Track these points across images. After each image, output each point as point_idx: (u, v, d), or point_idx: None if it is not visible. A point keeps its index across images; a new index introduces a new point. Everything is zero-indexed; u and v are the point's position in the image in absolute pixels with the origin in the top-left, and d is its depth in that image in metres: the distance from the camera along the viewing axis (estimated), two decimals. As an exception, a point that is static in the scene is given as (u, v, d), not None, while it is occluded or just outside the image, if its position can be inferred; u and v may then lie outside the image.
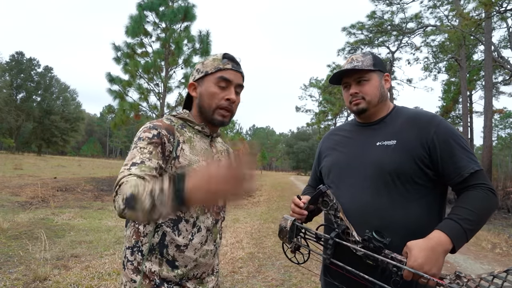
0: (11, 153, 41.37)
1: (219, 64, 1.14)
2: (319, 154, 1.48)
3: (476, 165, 1.12)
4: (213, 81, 1.13)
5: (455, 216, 1.06)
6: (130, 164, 0.96)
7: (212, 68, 1.14)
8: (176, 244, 1.07)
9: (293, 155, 63.50)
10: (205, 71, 1.15)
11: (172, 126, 1.12)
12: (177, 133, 1.11)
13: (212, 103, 1.13)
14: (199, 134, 1.18)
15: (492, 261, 5.29)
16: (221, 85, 1.13)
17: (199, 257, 1.12)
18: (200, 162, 1.12)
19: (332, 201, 1.11)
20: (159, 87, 13.33)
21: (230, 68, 1.14)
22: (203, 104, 1.15)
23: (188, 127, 1.17)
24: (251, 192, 0.80)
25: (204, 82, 1.15)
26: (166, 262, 1.07)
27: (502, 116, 46.03)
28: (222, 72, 1.13)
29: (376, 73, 1.28)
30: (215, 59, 1.16)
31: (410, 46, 20.28)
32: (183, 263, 1.09)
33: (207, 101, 1.14)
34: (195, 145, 1.14)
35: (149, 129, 1.05)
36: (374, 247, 1.01)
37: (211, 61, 1.15)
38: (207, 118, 1.16)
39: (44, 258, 3.83)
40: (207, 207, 1.14)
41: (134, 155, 0.99)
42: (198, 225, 1.11)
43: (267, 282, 3.74)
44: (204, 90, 1.15)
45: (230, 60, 1.16)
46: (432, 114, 1.23)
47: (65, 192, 10.27)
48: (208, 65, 1.15)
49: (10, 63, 46.98)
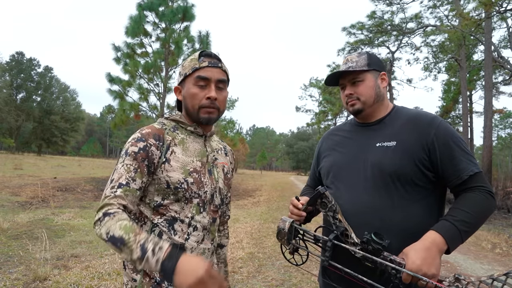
0: (11, 153, 41.37)
1: (196, 63, 1.13)
2: (318, 154, 1.48)
3: (476, 167, 1.12)
4: (192, 82, 1.13)
5: (450, 217, 1.06)
6: (116, 185, 1.01)
7: (189, 69, 1.14)
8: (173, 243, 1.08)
9: (293, 155, 63.50)
10: (184, 73, 1.15)
11: (163, 130, 1.13)
12: (167, 136, 1.12)
13: (195, 104, 1.13)
14: (192, 135, 1.18)
15: (492, 261, 5.29)
16: (200, 84, 1.12)
17: (196, 256, 1.12)
18: (194, 163, 1.13)
19: (331, 203, 1.10)
20: (159, 87, 13.33)
21: (206, 65, 1.13)
22: (187, 106, 1.16)
23: (181, 129, 1.18)
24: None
25: (185, 84, 1.16)
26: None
27: (502, 116, 46.01)
28: (199, 71, 1.12)
29: (371, 72, 1.28)
30: (192, 59, 1.15)
31: (410, 46, 20.29)
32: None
33: (190, 103, 1.15)
34: (188, 147, 1.15)
35: (136, 142, 1.07)
36: (372, 249, 1.01)
37: (189, 62, 1.15)
38: (194, 119, 1.17)
39: (44, 258, 3.83)
40: (203, 206, 1.14)
41: (121, 174, 1.03)
42: (193, 224, 1.11)
43: (267, 282, 3.74)
44: (186, 92, 1.16)
45: (206, 56, 1.15)
46: (432, 115, 1.23)
47: (65, 192, 10.27)
48: (186, 66, 1.15)
49: (10, 63, 46.96)
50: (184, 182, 1.08)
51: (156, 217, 1.08)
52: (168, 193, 1.08)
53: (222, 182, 1.22)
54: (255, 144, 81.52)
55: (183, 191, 1.08)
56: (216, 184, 1.18)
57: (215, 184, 1.18)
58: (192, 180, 1.10)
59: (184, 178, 1.08)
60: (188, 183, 1.09)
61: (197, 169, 1.13)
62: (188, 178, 1.09)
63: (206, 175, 1.15)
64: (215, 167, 1.21)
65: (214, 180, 1.18)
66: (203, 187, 1.12)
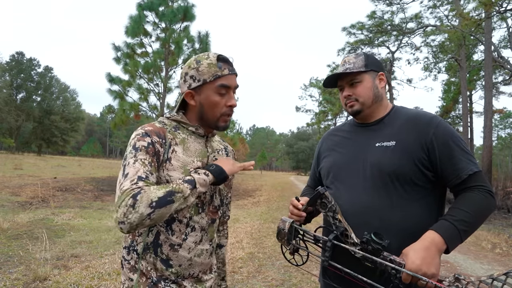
0: (11, 153, 41.36)
1: (217, 70, 1.10)
2: (318, 154, 1.48)
3: (475, 167, 1.12)
4: (213, 89, 1.11)
5: (450, 217, 1.06)
6: (136, 178, 0.96)
7: (210, 76, 1.10)
8: (170, 243, 1.08)
9: (293, 155, 63.50)
10: (203, 79, 1.10)
11: (164, 129, 1.12)
12: (169, 135, 1.11)
13: (217, 113, 1.13)
14: (194, 135, 1.18)
15: (492, 261, 5.29)
16: (222, 92, 1.12)
17: (194, 256, 1.12)
18: (195, 163, 1.13)
19: (331, 203, 1.10)
20: (159, 87, 13.34)
21: (227, 73, 1.12)
22: (206, 113, 1.14)
23: (182, 129, 1.17)
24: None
25: (203, 91, 1.12)
26: (160, 261, 1.08)
27: (502, 116, 46.02)
28: (221, 79, 1.11)
29: (369, 73, 1.28)
30: (210, 65, 1.10)
31: (410, 46, 20.29)
32: (177, 262, 1.10)
33: (210, 111, 1.13)
34: (189, 146, 1.14)
35: (143, 137, 1.05)
36: (372, 249, 1.01)
37: (207, 68, 1.10)
38: (211, 125, 1.16)
39: (44, 258, 3.83)
40: (202, 206, 1.14)
41: (137, 168, 0.98)
42: (191, 225, 1.11)
43: (267, 282, 3.74)
44: (205, 100, 1.12)
45: (225, 63, 1.13)
46: (432, 115, 1.23)
47: (65, 192, 10.27)
48: (204, 72, 1.10)
49: (10, 63, 46.95)
50: None
51: None
52: None
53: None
54: (255, 144, 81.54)
55: None
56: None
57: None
58: None
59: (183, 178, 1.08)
60: None
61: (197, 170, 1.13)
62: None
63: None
64: None
65: None
66: None
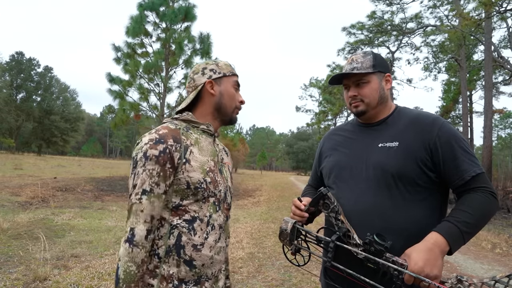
0: (11, 153, 41.33)
1: (232, 70, 1.26)
2: (319, 154, 1.47)
3: (478, 168, 1.11)
4: (231, 83, 1.24)
5: (453, 218, 1.05)
6: (140, 192, 1.03)
7: (228, 71, 1.24)
8: (193, 243, 1.08)
9: (293, 155, 63.47)
10: (223, 72, 1.23)
11: (178, 130, 1.13)
12: (183, 137, 1.12)
13: (233, 104, 1.24)
14: (204, 134, 1.20)
15: (492, 261, 5.29)
16: (236, 87, 1.26)
17: (215, 254, 1.14)
18: (209, 162, 1.14)
19: (333, 204, 1.10)
20: (159, 87, 13.34)
21: (237, 75, 1.28)
22: (224, 103, 1.22)
23: (193, 129, 1.18)
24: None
25: (223, 83, 1.23)
26: (184, 262, 1.07)
27: (502, 116, 46.02)
28: (237, 77, 1.27)
29: (376, 74, 1.26)
30: (226, 65, 1.26)
31: (410, 46, 20.30)
32: (200, 262, 1.10)
33: (229, 101, 1.23)
34: (203, 146, 1.16)
35: (155, 144, 1.05)
36: (375, 250, 1.00)
37: (225, 65, 1.25)
38: (226, 115, 1.24)
39: (44, 258, 3.83)
40: (218, 204, 1.16)
41: (143, 180, 1.04)
42: (211, 223, 1.13)
43: (267, 282, 3.73)
44: (225, 90, 1.22)
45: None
46: (435, 116, 1.22)
47: (65, 192, 10.27)
48: (223, 67, 1.24)
49: (10, 63, 46.90)
50: (204, 181, 1.10)
51: (175, 218, 1.08)
52: (187, 193, 1.08)
53: (230, 181, 1.26)
54: (255, 144, 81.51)
55: (202, 190, 1.09)
56: (226, 182, 1.22)
57: (226, 182, 1.22)
58: (209, 179, 1.11)
59: (203, 178, 1.10)
60: (206, 182, 1.10)
61: (212, 169, 1.15)
62: (206, 178, 1.11)
63: (218, 174, 1.17)
64: (223, 166, 1.24)
65: (225, 179, 1.21)
66: (218, 186, 1.14)
